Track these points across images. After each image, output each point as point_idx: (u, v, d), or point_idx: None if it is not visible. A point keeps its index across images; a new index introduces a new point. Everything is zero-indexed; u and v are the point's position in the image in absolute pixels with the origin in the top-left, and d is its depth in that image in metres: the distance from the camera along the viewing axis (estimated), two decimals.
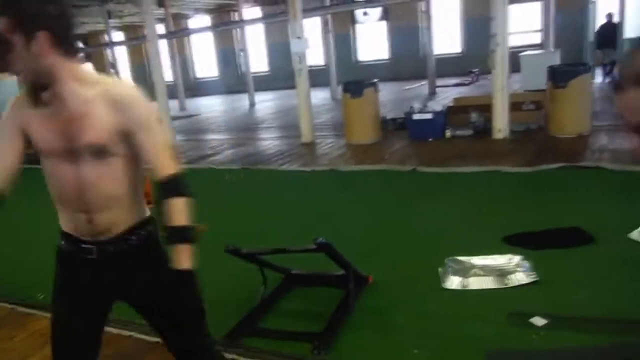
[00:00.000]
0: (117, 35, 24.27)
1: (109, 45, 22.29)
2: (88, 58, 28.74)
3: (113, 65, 21.85)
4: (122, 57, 25.10)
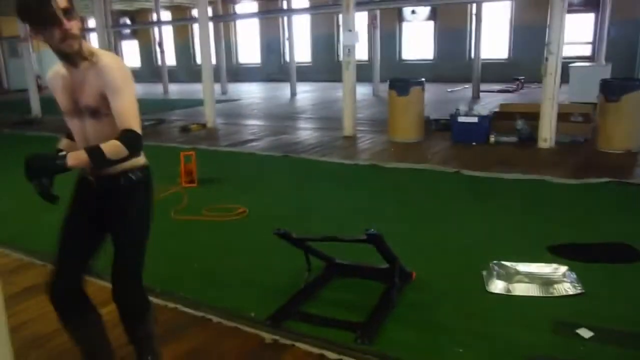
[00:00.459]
0: (164, 15, 24.55)
1: (157, 24, 22.62)
2: (134, 35, 29.26)
3: (159, 44, 22.13)
4: (167, 36, 25.37)
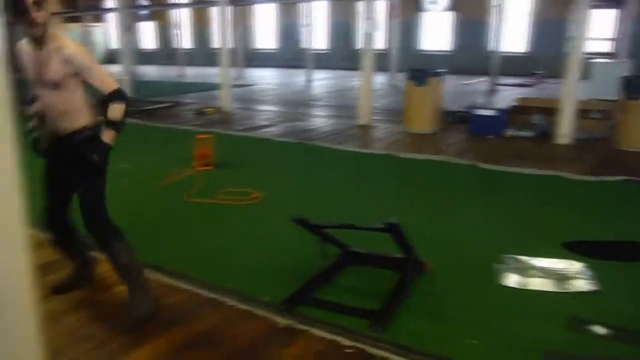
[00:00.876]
0: None
1: (175, 6, 22.62)
2: (152, 17, 29.25)
3: (176, 27, 22.13)
4: (184, 19, 25.36)
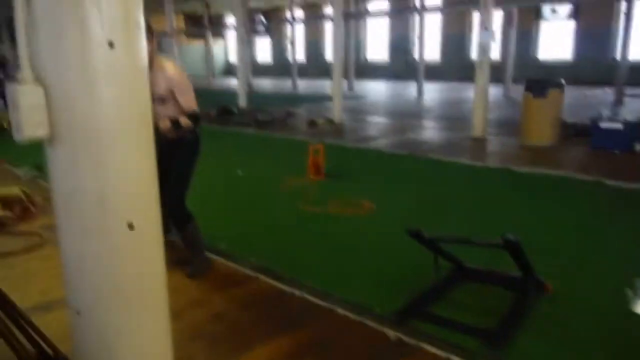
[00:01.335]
0: (297, 12, 25.27)
1: (290, 21, 23.34)
2: (268, 32, 30.38)
3: (291, 41, 22.81)
4: (298, 33, 26.07)
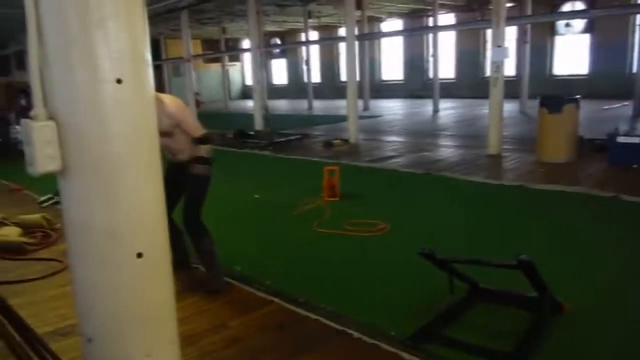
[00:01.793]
0: (312, 35, 25.51)
1: (305, 43, 23.58)
2: (283, 54, 30.71)
3: (306, 62, 23.00)
4: (313, 54, 26.31)
